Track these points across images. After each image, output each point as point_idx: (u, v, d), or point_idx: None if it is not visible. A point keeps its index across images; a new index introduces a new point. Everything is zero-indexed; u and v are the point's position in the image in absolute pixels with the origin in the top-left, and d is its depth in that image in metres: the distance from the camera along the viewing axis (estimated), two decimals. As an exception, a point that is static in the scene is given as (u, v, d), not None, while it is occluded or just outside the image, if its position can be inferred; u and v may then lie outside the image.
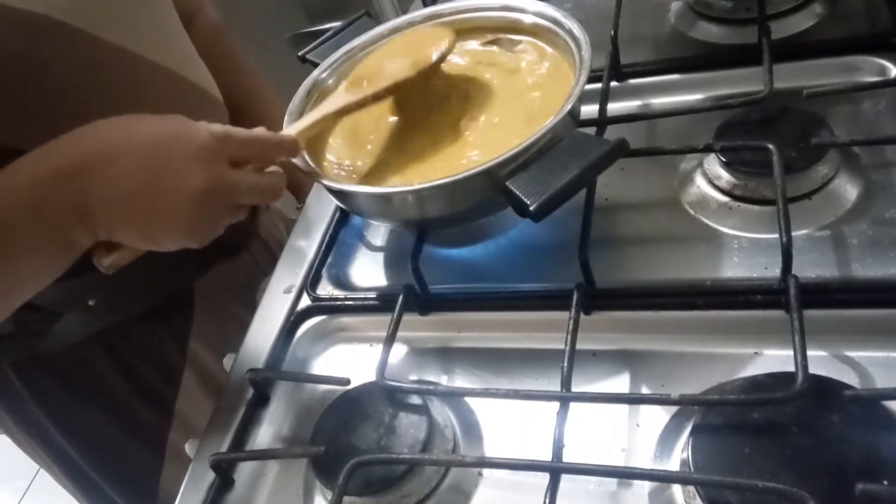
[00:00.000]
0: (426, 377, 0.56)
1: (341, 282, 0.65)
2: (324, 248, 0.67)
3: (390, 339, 0.53)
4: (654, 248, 0.57)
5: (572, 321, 0.50)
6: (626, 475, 0.45)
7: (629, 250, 0.58)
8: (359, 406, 0.52)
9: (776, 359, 0.48)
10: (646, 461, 0.46)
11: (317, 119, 0.59)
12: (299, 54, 0.70)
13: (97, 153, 0.48)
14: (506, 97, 0.61)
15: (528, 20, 0.64)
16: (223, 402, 0.59)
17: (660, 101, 0.69)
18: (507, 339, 0.57)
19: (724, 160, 0.57)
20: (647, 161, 0.61)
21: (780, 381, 0.44)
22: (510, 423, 0.51)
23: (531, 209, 0.46)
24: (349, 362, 0.61)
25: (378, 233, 0.69)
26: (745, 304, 0.50)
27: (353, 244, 0.69)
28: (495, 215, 0.56)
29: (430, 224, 0.57)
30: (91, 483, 0.82)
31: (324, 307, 0.63)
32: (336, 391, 0.55)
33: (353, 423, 0.51)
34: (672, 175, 0.61)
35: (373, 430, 0.50)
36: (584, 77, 0.53)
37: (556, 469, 0.44)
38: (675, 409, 0.47)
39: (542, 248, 0.60)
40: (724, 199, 0.57)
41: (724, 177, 0.57)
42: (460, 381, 0.56)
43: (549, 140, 0.49)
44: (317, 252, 0.67)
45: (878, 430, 0.41)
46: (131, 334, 0.75)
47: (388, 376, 0.51)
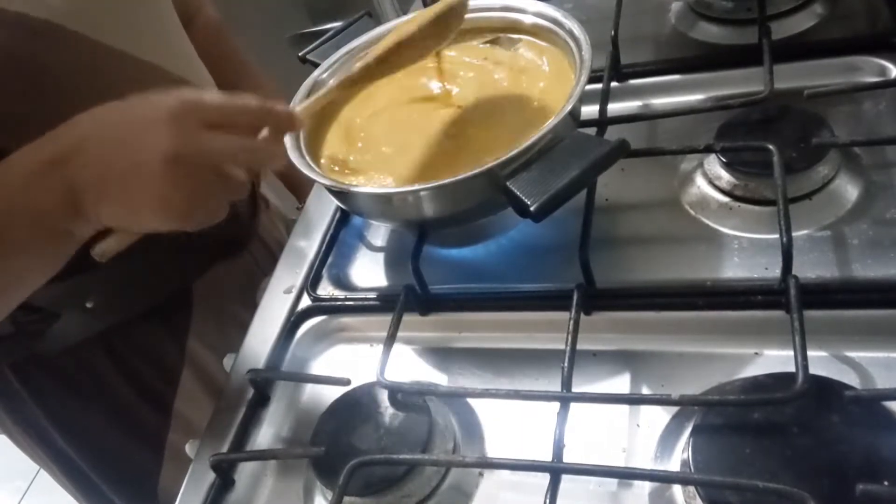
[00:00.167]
0: (426, 377, 0.56)
1: (342, 282, 0.65)
2: (324, 248, 0.67)
3: (391, 340, 0.53)
4: (655, 248, 0.57)
5: (572, 321, 0.50)
6: (626, 475, 0.45)
7: (629, 250, 0.58)
8: (359, 406, 0.52)
9: (776, 359, 0.48)
10: (646, 461, 0.46)
11: (321, 95, 0.56)
12: (300, 55, 0.70)
13: (75, 141, 0.48)
14: (505, 97, 0.61)
15: (528, 20, 0.64)
16: (223, 403, 0.59)
17: (660, 102, 0.69)
18: (507, 340, 0.57)
19: (724, 160, 0.57)
20: (648, 161, 0.61)
21: (780, 381, 0.44)
22: (510, 424, 0.51)
23: (532, 209, 0.46)
24: (349, 362, 0.61)
25: (378, 233, 0.69)
26: (745, 305, 0.50)
27: (353, 244, 0.68)
28: (496, 215, 0.56)
29: (430, 224, 0.57)
30: (90, 483, 0.82)
31: (324, 307, 0.63)
32: (336, 391, 0.55)
33: (353, 423, 0.51)
34: (672, 175, 0.61)
35: (373, 431, 0.50)
36: (584, 77, 0.53)
37: (556, 469, 0.44)
38: (675, 409, 0.47)
39: (542, 248, 0.60)
40: (725, 199, 0.57)
41: (725, 177, 0.57)
42: (460, 382, 0.56)
43: (550, 140, 0.49)
44: (317, 252, 0.67)
45: (879, 430, 0.40)
46: (130, 334, 0.75)
47: (388, 376, 0.51)
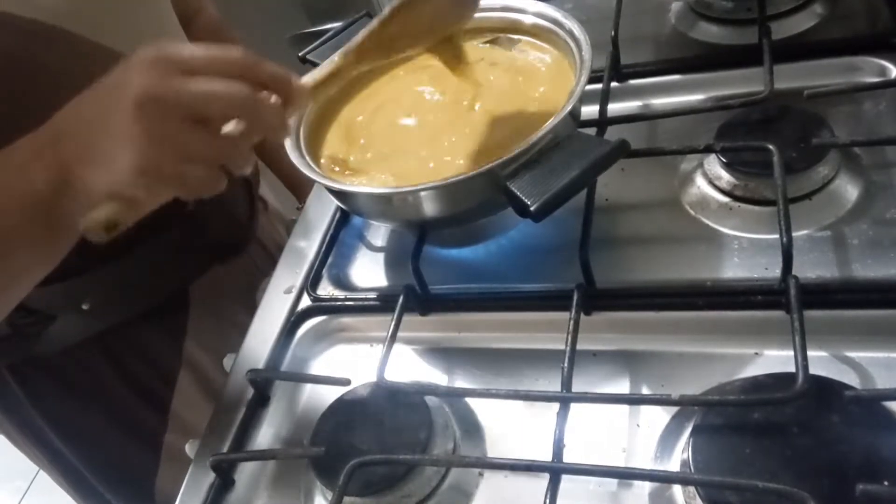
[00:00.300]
0: (426, 377, 0.56)
1: (342, 282, 0.65)
2: (324, 249, 0.67)
3: (391, 340, 0.53)
4: (655, 248, 0.57)
5: (572, 321, 0.50)
6: (626, 475, 0.45)
7: (629, 250, 0.58)
8: (359, 406, 0.52)
9: (776, 359, 0.48)
10: (646, 461, 0.46)
11: (330, 69, 0.54)
12: (300, 55, 0.70)
13: (61, 121, 0.47)
14: (505, 96, 0.61)
15: (528, 20, 0.64)
16: (223, 403, 0.59)
17: (660, 102, 0.69)
18: (507, 340, 0.57)
19: (724, 160, 0.57)
20: (648, 161, 0.61)
21: (780, 381, 0.44)
22: (510, 424, 0.51)
23: (532, 209, 0.46)
24: (349, 362, 0.61)
25: (378, 233, 0.69)
26: (745, 305, 0.50)
27: (353, 244, 0.68)
28: (496, 215, 0.56)
29: (430, 224, 0.57)
30: (87, 483, 0.82)
31: (324, 307, 0.63)
32: (336, 391, 0.55)
33: (353, 423, 0.51)
34: (672, 175, 0.61)
35: (373, 431, 0.50)
36: (584, 77, 0.53)
37: (556, 469, 0.44)
38: (675, 409, 0.47)
39: (542, 248, 0.60)
40: (725, 199, 0.57)
41: (725, 177, 0.57)
42: (460, 382, 0.56)
43: (550, 140, 0.49)
44: (317, 252, 0.67)
45: (879, 430, 0.40)
46: (128, 336, 0.75)
47: (388, 376, 0.51)
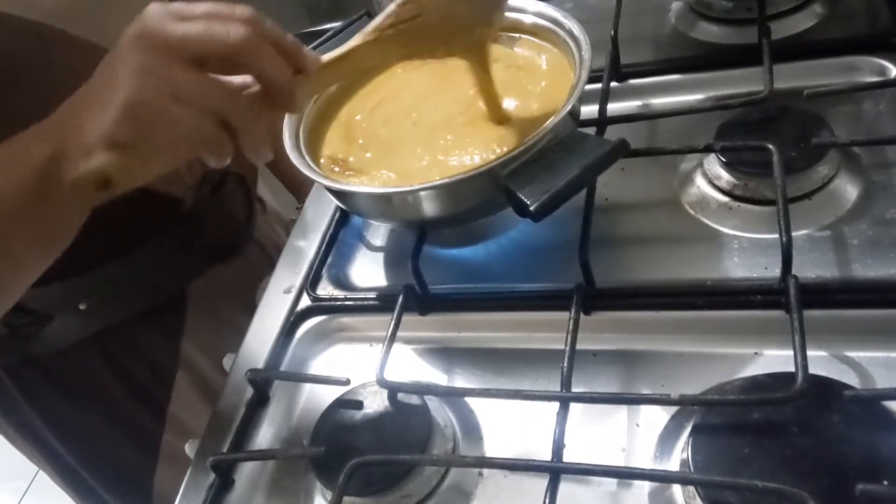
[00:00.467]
0: (426, 377, 0.56)
1: (341, 282, 0.65)
2: (324, 248, 0.67)
3: (390, 340, 0.53)
4: (654, 248, 0.57)
5: (572, 321, 0.50)
6: (626, 475, 0.45)
7: (629, 250, 0.58)
8: (359, 406, 0.52)
9: (776, 359, 0.48)
10: (646, 461, 0.46)
11: (345, 50, 0.52)
12: (299, 54, 0.70)
13: (62, 108, 0.48)
14: (505, 96, 0.61)
15: (528, 20, 0.64)
16: (223, 403, 0.59)
17: (660, 102, 0.69)
18: (507, 339, 0.57)
19: (724, 160, 0.57)
20: (648, 161, 0.61)
21: (780, 381, 0.44)
22: (510, 423, 0.51)
23: (531, 209, 0.46)
24: (349, 362, 0.61)
25: (378, 233, 0.69)
26: (745, 304, 0.50)
27: (353, 244, 0.68)
28: (495, 215, 0.56)
29: (430, 224, 0.57)
30: (85, 484, 0.82)
31: (324, 307, 0.63)
32: (336, 391, 0.55)
33: (352, 423, 0.51)
34: (672, 175, 0.61)
35: (373, 431, 0.50)
36: (584, 77, 0.53)
37: (556, 469, 0.44)
38: (674, 409, 0.47)
39: (542, 248, 0.60)
40: (725, 199, 0.57)
41: (725, 177, 0.57)
42: (460, 381, 0.56)
43: (550, 140, 0.49)
44: (317, 252, 0.67)
45: (878, 430, 0.40)
46: (125, 336, 0.75)
47: (388, 376, 0.51)
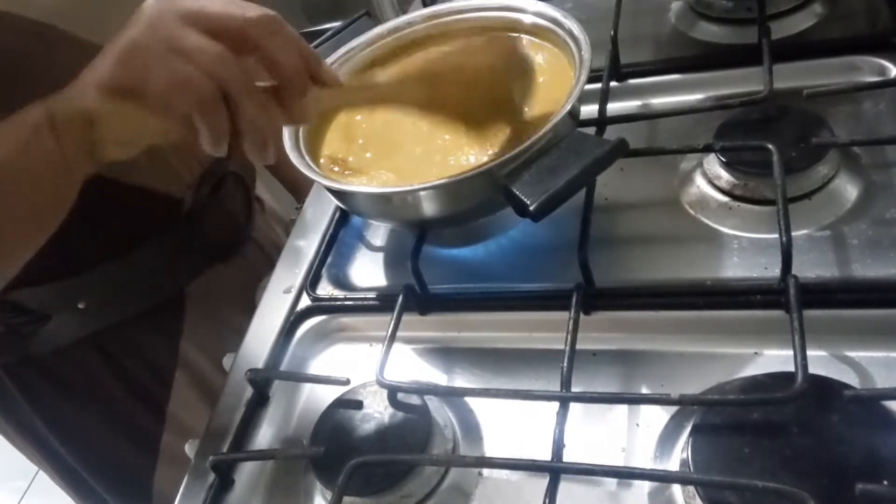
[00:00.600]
0: (426, 377, 0.56)
1: (341, 282, 0.65)
2: (324, 248, 0.67)
3: (390, 339, 0.53)
4: (654, 248, 0.57)
5: (572, 321, 0.50)
6: (625, 475, 0.45)
7: (629, 250, 0.58)
8: (358, 406, 0.52)
9: (776, 359, 0.48)
10: (646, 461, 0.46)
11: (369, 83, 0.55)
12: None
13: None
14: (503, 95, 0.61)
15: (527, 20, 0.64)
16: (223, 403, 0.59)
17: (660, 101, 0.69)
18: (507, 339, 0.57)
19: (724, 160, 0.57)
20: (647, 161, 0.61)
21: (779, 381, 0.44)
22: (510, 423, 0.51)
23: (531, 209, 0.46)
24: (349, 362, 0.61)
25: (378, 233, 0.69)
26: (745, 304, 0.50)
27: (353, 244, 0.68)
28: (495, 215, 0.56)
29: (430, 224, 0.57)
30: (84, 484, 0.82)
31: (324, 307, 0.63)
32: (336, 391, 0.55)
33: (352, 423, 0.51)
34: (672, 175, 0.61)
35: (372, 431, 0.50)
36: (584, 77, 0.53)
37: (556, 469, 0.44)
38: (674, 409, 0.47)
39: (541, 248, 0.60)
40: (724, 199, 0.57)
41: (724, 177, 0.57)
42: (460, 381, 0.56)
43: (549, 140, 0.49)
44: (317, 252, 0.67)
45: (878, 430, 0.40)
46: (123, 336, 0.75)
47: (387, 376, 0.51)
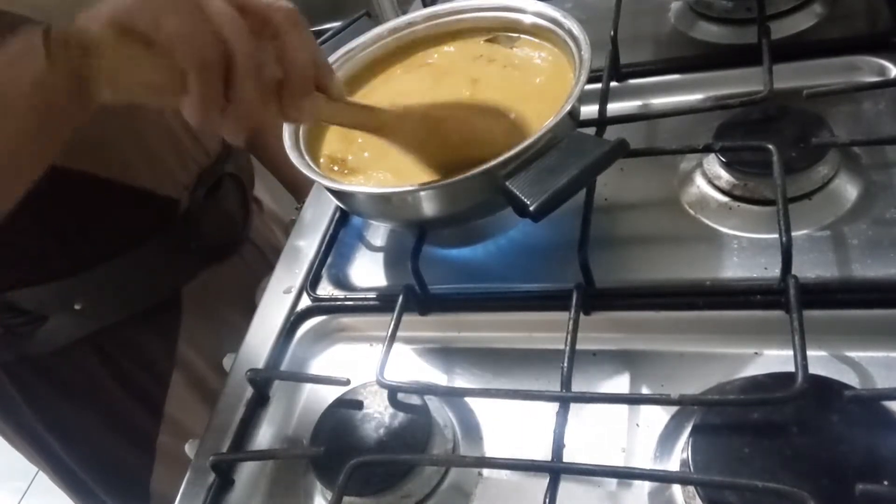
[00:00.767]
0: (426, 377, 0.56)
1: (341, 282, 0.65)
2: (324, 249, 0.67)
3: (390, 339, 0.53)
4: (654, 248, 0.57)
5: (572, 321, 0.50)
6: (626, 475, 0.45)
7: (629, 250, 0.58)
8: (358, 406, 0.52)
9: (776, 359, 0.48)
10: (646, 461, 0.46)
11: (372, 105, 0.54)
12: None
13: None
14: (505, 96, 0.61)
15: (527, 20, 0.64)
16: (223, 403, 0.59)
17: (660, 101, 0.69)
18: (507, 340, 0.57)
19: (723, 160, 0.57)
20: (647, 161, 0.61)
21: (779, 381, 0.44)
22: (510, 423, 0.51)
23: (531, 209, 0.46)
24: (349, 362, 0.61)
25: (378, 233, 0.69)
26: (745, 305, 0.50)
27: (353, 244, 0.68)
28: (495, 215, 0.56)
29: (429, 224, 0.57)
30: (82, 484, 0.82)
31: (324, 307, 0.63)
32: (336, 391, 0.55)
33: (352, 423, 0.51)
34: (672, 175, 0.61)
35: (373, 431, 0.50)
36: (583, 77, 0.53)
37: (556, 469, 0.44)
38: (674, 409, 0.47)
39: (541, 248, 0.60)
40: (724, 199, 0.57)
41: (724, 177, 0.57)
42: (460, 381, 0.56)
43: (549, 140, 0.49)
44: (317, 252, 0.67)
45: (878, 430, 0.40)
46: (120, 337, 0.75)
47: (387, 376, 0.51)
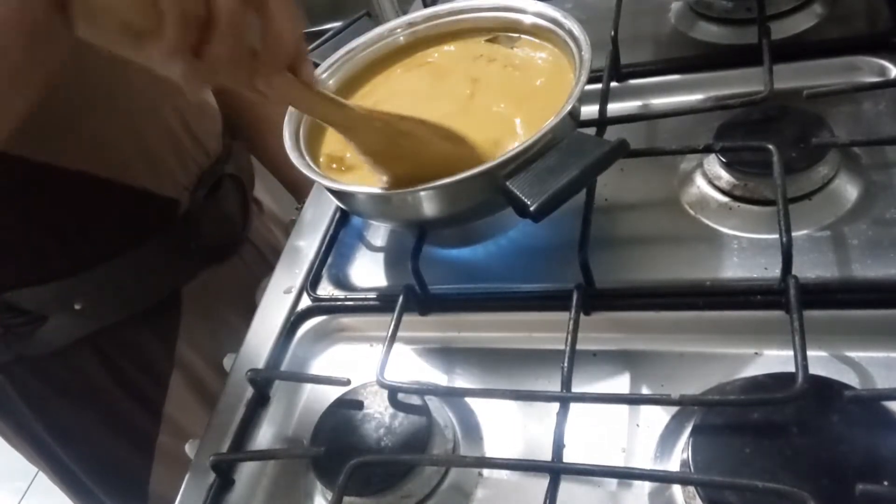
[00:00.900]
0: (426, 377, 0.56)
1: (341, 282, 0.65)
2: (324, 249, 0.67)
3: (390, 340, 0.53)
4: (654, 248, 0.57)
5: (572, 321, 0.50)
6: (626, 475, 0.45)
7: (629, 250, 0.58)
8: (359, 406, 0.52)
9: (776, 359, 0.48)
10: (646, 461, 0.46)
11: (342, 100, 0.54)
12: (299, 54, 0.70)
13: None
14: (504, 96, 0.61)
15: (527, 20, 0.64)
16: (223, 403, 0.59)
17: (660, 102, 0.69)
18: (507, 340, 0.57)
19: (724, 160, 0.57)
20: (647, 161, 0.61)
21: (780, 381, 0.44)
22: (510, 424, 0.51)
23: (531, 209, 0.46)
24: (349, 362, 0.61)
25: (378, 233, 0.69)
26: (745, 305, 0.50)
27: (353, 244, 0.68)
28: (495, 215, 0.56)
29: (430, 224, 0.57)
30: (82, 484, 0.82)
31: (324, 307, 0.63)
32: (336, 391, 0.55)
33: (352, 423, 0.51)
34: (672, 175, 0.61)
35: (373, 431, 0.50)
36: (584, 77, 0.53)
37: (556, 469, 0.44)
38: (675, 409, 0.47)
39: (541, 248, 0.60)
40: (724, 199, 0.57)
41: (724, 177, 0.57)
42: (460, 381, 0.56)
43: (549, 140, 0.49)
44: (317, 252, 0.67)
45: (879, 430, 0.40)
46: (119, 337, 0.75)
47: (388, 376, 0.51)
